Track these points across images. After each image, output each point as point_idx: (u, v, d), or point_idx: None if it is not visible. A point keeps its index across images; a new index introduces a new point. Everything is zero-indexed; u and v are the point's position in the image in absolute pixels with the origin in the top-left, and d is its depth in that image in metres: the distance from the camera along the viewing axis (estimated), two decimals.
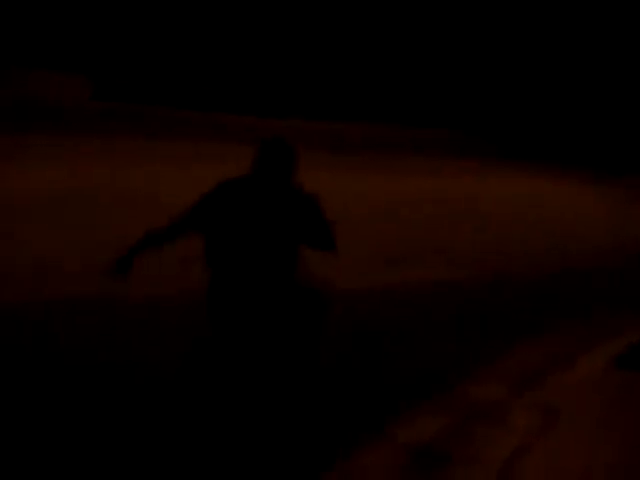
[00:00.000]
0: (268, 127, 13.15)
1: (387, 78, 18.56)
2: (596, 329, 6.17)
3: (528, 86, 19.16)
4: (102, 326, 4.85)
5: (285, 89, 17.09)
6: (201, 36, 16.37)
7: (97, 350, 4.39)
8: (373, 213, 9.22)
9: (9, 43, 13.45)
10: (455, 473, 3.14)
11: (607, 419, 3.91)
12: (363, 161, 12.55)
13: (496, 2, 18.72)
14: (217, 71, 16.59)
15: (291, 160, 3.65)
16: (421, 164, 13.20)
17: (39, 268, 5.87)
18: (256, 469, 3.12)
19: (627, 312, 6.83)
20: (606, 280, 8.13)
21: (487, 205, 10.94)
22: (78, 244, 6.56)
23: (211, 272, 3.57)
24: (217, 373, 3.63)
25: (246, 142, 11.04)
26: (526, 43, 18.91)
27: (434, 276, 7.28)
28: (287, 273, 3.58)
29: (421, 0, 18.39)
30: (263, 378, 3.57)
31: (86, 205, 7.71)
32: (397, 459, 3.23)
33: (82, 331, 4.70)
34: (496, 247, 8.87)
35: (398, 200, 10.21)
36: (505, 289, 7.30)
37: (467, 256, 8.39)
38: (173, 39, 16.18)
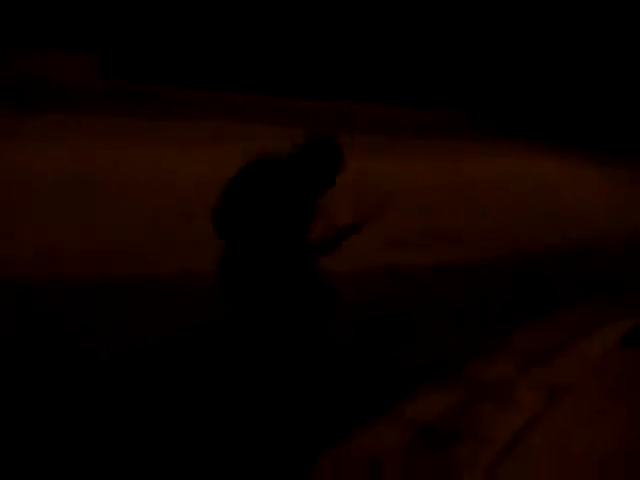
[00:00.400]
0: (270, 106, 13.13)
1: (387, 59, 18.49)
2: (598, 311, 6.22)
3: (531, 66, 19.08)
4: (103, 311, 4.81)
5: (289, 69, 17.05)
6: (214, 12, 16.25)
7: (115, 337, 4.36)
8: (373, 197, 9.20)
9: (16, 21, 13.26)
10: (463, 448, 3.18)
11: (615, 398, 3.96)
12: (364, 143, 12.49)
13: None
14: (224, 49, 16.49)
15: (335, 173, 3.54)
16: (422, 147, 13.16)
17: (41, 251, 5.83)
18: (253, 455, 3.13)
19: (628, 296, 6.88)
20: (607, 263, 8.17)
21: (488, 189, 10.95)
22: (80, 228, 6.54)
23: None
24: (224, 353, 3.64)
25: (259, 121, 11.05)
26: (529, 25, 18.82)
27: (435, 260, 7.31)
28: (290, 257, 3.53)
29: None
30: (268, 362, 3.58)
31: (89, 188, 7.69)
32: (404, 436, 3.26)
33: (88, 317, 4.66)
34: (496, 232, 8.89)
35: (398, 184, 10.20)
36: (506, 273, 7.33)
37: (468, 240, 8.41)
38: (187, 14, 16.01)
